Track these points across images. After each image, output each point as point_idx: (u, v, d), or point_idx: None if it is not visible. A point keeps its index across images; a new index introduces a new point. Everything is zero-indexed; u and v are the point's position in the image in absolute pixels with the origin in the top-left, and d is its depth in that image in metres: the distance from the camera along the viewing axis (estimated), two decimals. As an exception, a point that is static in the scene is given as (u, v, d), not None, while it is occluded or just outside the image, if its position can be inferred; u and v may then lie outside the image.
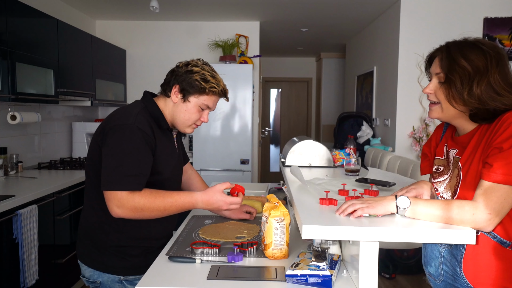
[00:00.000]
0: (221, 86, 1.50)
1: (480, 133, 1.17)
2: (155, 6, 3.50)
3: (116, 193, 1.34)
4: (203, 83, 1.46)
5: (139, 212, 1.37)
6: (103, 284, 1.48)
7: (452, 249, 1.19)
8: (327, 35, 5.56)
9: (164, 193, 1.41)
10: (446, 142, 1.33)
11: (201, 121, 1.53)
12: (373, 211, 1.15)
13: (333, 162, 2.23)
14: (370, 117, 4.70)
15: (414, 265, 3.45)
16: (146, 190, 1.39)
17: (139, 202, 1.36)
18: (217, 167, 4.32)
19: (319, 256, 1.29)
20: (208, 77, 1.47)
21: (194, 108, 1.49)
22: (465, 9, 3.76)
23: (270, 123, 7.91)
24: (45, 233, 2.57)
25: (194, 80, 1.46)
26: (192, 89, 1.46)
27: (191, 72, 1.47)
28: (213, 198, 1.46)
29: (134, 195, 1.36)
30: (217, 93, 1.50)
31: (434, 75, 1.23)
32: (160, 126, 1.50)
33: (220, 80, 1.52)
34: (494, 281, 1.13)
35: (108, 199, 1.36)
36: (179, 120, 1.51)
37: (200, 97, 1.48)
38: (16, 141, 3.25)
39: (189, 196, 1.44)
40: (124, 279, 1.48)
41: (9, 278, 2.23)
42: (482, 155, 1.13)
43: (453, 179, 1.22)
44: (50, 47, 3.11)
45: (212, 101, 1.51)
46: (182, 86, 1.47)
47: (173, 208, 1.42)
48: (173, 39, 4.81)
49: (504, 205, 1.07)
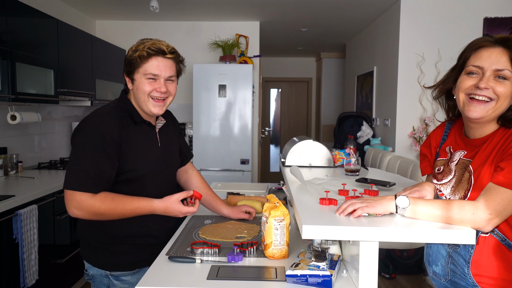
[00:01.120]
0: (148, 46, 1.42)
1: (496, 138, 1.16)
2: (155, 6, 3.50)
3: (76, 194, 1.35)
4: (134, 54, 1.43)
5: (97, 216, 1.39)
6: (94, 277, 1.52)
7: (460, 250, 1.19)
8: (327, 35, 5.56)
9: (125, 200, 1.41)
10: (450, 143, 1.32)
11: (158, 92, 1.45)
12: (372, 210, 1.15)
13: (333, 162, 2.23)
14: (370, 117, 4.70)
15: (414, 265, 3.45)
16: (108, 195, 1.39)
17: (100, 208, 1.37)
18: (217, 167, 4.32)
19: (319, 256, 1.29)
20: (138, 45, 1.44)
21: (141, 83, 1.44)
22: (465, 9, 3.76)
23: (270, 123, 7.91)
24: (45, 233, 2.57)
25: (128, 57, 1.45)
26: (131, 67, 1.45)
27: (126, 54, 1.48)
28: (170, 207, 1.47)
29: (95, 201, 1.36)
30: (148, 55, 1.42)
31: (493, 70, 1.14)
32: (134, 121, 1.48)
33: (151, 42, 1.44)
34: (501, 282, 1.14)
35: (67, 199, 1.37)
36: (139, 102, 1.48)
37: (140, 70, 1.44)
38: (16, 141, 3.25)
39: (148, 205, 1.45)
40: (110, 274, 1.50)
41: (9, 278, 2.23)
42: (495, 159, 1.12)
43: (463, 183, 1.20)
44: (50, 47, 3.11)
45: (154, 66, 1.43)
46: (125, 71, 1.48)
47: (132, 214, 1.44)
48: (173, 39, 4.80)
49: (506, 208, 1.07)
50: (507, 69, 1.13)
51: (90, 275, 1.53)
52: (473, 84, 1.16)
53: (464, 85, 1.19)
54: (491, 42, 1.16)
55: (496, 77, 1.14)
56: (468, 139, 1.25)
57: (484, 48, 1.16)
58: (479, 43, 1.18)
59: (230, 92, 4.27)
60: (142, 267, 1.53)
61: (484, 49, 1.16)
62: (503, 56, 1.13)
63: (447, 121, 1.38)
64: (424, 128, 3.77)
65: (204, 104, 4.28)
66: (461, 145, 1.27)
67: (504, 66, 1.13)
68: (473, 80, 1.17)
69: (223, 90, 4.26)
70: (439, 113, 3.78)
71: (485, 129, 1.20)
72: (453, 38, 3.75)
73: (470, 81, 1.18)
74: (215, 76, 4.25)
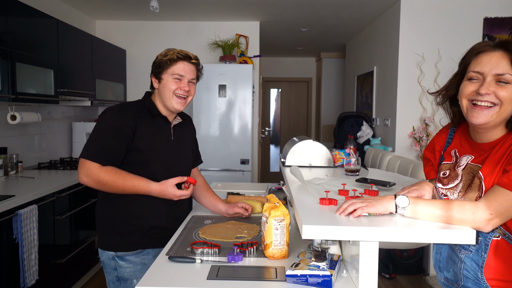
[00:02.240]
0: (178, 52, 1.67)
1: (507, 143, 1.14)
2: (155, 6, 3.50)
3: (86, 162, 1.56)
4: (164, 57, 1.67)
5: (101, 185, 1.58)
6: (104, 263, 1.68)
7: (473, 255, 1.17)
8: (327, 35, 5.56)
9: (126, 176, 1.58)
10: (455, 146, 1.30)
11: (182, 90, 1.67)
12: (372, 210, 1.15)
13: (333, 162, 2.23)
14: (370, 117, 4.70)
15: (414, 265, 3.45)
16: (113, 169, 1.58)
17: (104, 178, 1.55)
18: (217, 167, 4.32)
19: (319, 256, 1.29)
20: (167, 52, 1.69)
21: (168, 82, 1.66)
22: (465, 9, 3.76)
23: (270, 123, 7.91)
24: (45, 233, 2.57)
25: (158, 61, 1.69)
26: (159, 68, 1.68)
27: (156, 59, 1.71)
28: (166, 190, 1.61)
29: (101, 171, 1.55)
30: (177, 59, 1.66)
31: (493, 75, 1.13)
32: (151, 113, 1.69)
33: (178, 50, 1.70)
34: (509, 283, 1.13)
35: (79, 167, 1.58)
36: (164, 98, 1.68)
37: (168, 71, 1.66)
38: (16, 141, 3.25)
39: (145, 185, 1.60)
40: (115, 255, 1.64)
41: (9, 278, 2.23)
42: (504, 164, 1.12)
43: (473, 189, 1.17)
44: (50, 47, 3.11)
45: (181, 69, 1.67)
46: (154, 72, 1.71)
47: (131, 191, 1.59)
48: (173, 39, 4.81)
49: (508, 210, 1.07)
50: (508, 73, 1.11)
51: (102, 261, 1.69)
52: (474, 90, 1.15)
53: (466, 91, 1.18)
54: (491, 46, 1.15)
55: (498, 82, 1.13)
56: (476, 143, 1.23)
57: (484, 53, 1.15)
58: (479, 48, 1.17)
59: (230, 92, 4.27)
60: (145, 248, 1.67)
61: (484, 54, 1.15)
62: (503, 60, 1.12)
63: (450, 125, 1.36)
64: (424, 128, 3.77)
65: (204, 104, 4.28)
66: (468, 149, 1.25)
67: (505, 71, 1.11)
68: (474, 86, 1.16)
69: (223, 90, 4.26)
70: (439, 113, 3.78)
71: (493, 134, 1.18)
72: (453, 38, 3.75)
73: (471, 87, 1.16)
74: (215, 76, 4.25)
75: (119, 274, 1.65)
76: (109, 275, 1.68)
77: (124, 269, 1.64)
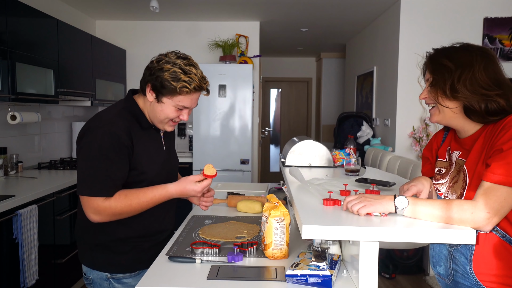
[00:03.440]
0: (194, 83, 1.39)
1: (484, 136, 1.18)
2: (155, 6, 3.50)
3: (91, 200, 1.35)
4: (174, 83, 1.36)
5: (117, 216, 1.39)
6: (94, 281, 1.49)
7: (461, 248, 1.20)
8: (327, 35, 5.56)
9: (138, 193, 1.40)
10: (449, 144, 1.34)
11: (179, 119, 1.47)
12: (372, 209, 1.15)
13: (333, 162, 2.23)
14: (370, 117, 4.70)
15: (414, 265, 3.45)
16: (121, 193, 1.38)
17: (116, 208, 1.36)
18: (217, 167, 4.32)
19: (319, 256, 1.29)
20: (180, 74, 1.37)
21: (169, 108, 1.42)
22: (465, 9, 3.76)
23: (270, 123, 7.91)
24: (45, 233, 2.57)
25: (164, 80, 1.36)
26: (164, 90, 1.38)
27: (161, 70, 1.37)
28: (187, 188, 1.46)
29: (110, 202, 1.35)
30: (191, 91, 1.39)
31: (426, 81, 1.30)
32: (141, 126, 1.47)
33: (195, 74, 1.39)
34: (504, 279, 1.14)
35: (83, 206, 1.37)
36: (156, 119, 1.47)
37: (174, 98, 1.40)
38: (16, 141, 3.25)
39: (163, 191, 1.44)
40: (111, 277, 1.47)
41: (9, 278, 2.23)
42: (485, 157, 1.14)
43: (458, 182, 1.22)
44: (50, 47, 3.11)
45: (189, 100, 1.42)
46: (154, 85, 1.40)
47: (150, 205, 1.43)
48: (173, 39, 4.81)
49: (503, 205, 1.08)
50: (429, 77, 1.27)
51: (90, 279, 1.50)
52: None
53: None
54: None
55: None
56: (460, 139, 1.28)
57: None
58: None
59: (230, 92, 4.27)
60: (143, 268, 1.49)
61: None
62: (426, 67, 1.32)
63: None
64: (424, 128, 3.77)
65: (204, 104, 4.28)
66: (457, 146, 1.30)
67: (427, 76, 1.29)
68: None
69: (223, 90, 4.26)
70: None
71: (466, 129, 1.24)
72: (453, 38, 3.67)
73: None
74: (215, 76, 4.25)
75: None
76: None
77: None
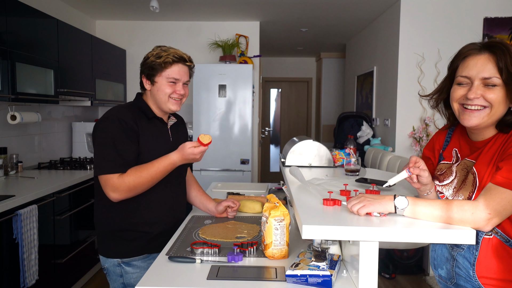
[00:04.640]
0: (174, 55, 1.60)
1: (499, 139, 1.17)
2: (155, 6, 3.50)
3: (108, 178, 1.51)
4: (158, 60, 1.59)
5: (132, 190, 1.53)
6: (108, 270, 1.65)
7: (465, 252, 1.19)
8: (327, 35, 5.56)
9: (147, 165, 1.55)
10: (455, 145, 1.32)
11: (177, 93, 1.63)
12: (372, 209, 1.15)
13: (333, 162, 2.23)
14: (370, 117, 4.70)
15: (414, 265, 3.45)
16: (132, 168, 1.54)
17: (129, 181, 1.51)
18: (217, 167, 4.32)
19: (319, 256, 1.29)
20: (161, 52, 1.60)
21: (163, 85, 1.61)
22: (465, 9, 3.76)
23: (270, 123, 7.91)
24: (45, 233, 2.57)
25: (150, 62, 1.60)
26: (152, 70, 1.60)
27: (147, 59, 1.63)
28: (185, 153, 1.58)
29: (123, 178, 1.51)
30: (173, 62, 1.60)
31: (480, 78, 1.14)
32: (147, 116, 1.64)
33: (173, 50, 1.62)
34: (507, 284, 1.14)
35: (102, 185, 1.53)
36: (159, 101, 1.64)
37: (163, 74, 1.60)
38: (16, 141, 3.25)
39: (167, 159, 1.58)
40: (121, 261, 1.61)
41: (9, 278, 2.23)
42: (497, 160, 1.14)
43: (467, 185, 1.20)
44: (50, 47, 3.11)
45: (176, 72, 1.61)
46: (145, 73, 1.63)
47: (159, 174, 1.57)
48: (173, 39, 4.81)
49: (506, 207, 1.08)
50: (495, 77, 1.13)
51: (106, 268, 1.65)
52: (464, 95, 1.18)
53: (455, 96, 1.21)
54: (476, 49, 1.17)
55: (485, 85, 1.14)
56: (472, 142, 1.26)
57: (471, 57, 1.18)
58: (465, 51, 1.20)
59: (230, 92, 4.27)
60: (151, 252, 1.65)
61: (471, 58, 1.17)
62: (489, 63, 1.13)
63: (448, 125, 1.38)
64: (424, 128, 3.77)
65: (204, 104, 4.28)
66: (467, 147, 1.28)
67: (491, 74, 1.13)
68: (463, 90, 1.18)
69: (223, 90, 4.26)
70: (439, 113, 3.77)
71: (486, 133, 1.21)
72: (453, 38, 3.75)
73: (460, 91, 1.19)
74: (215, 76, 4.25)
75: (125, 281, 1.62)
76: (114, 282, 1.64)
77: (130, 275, 1.62)
